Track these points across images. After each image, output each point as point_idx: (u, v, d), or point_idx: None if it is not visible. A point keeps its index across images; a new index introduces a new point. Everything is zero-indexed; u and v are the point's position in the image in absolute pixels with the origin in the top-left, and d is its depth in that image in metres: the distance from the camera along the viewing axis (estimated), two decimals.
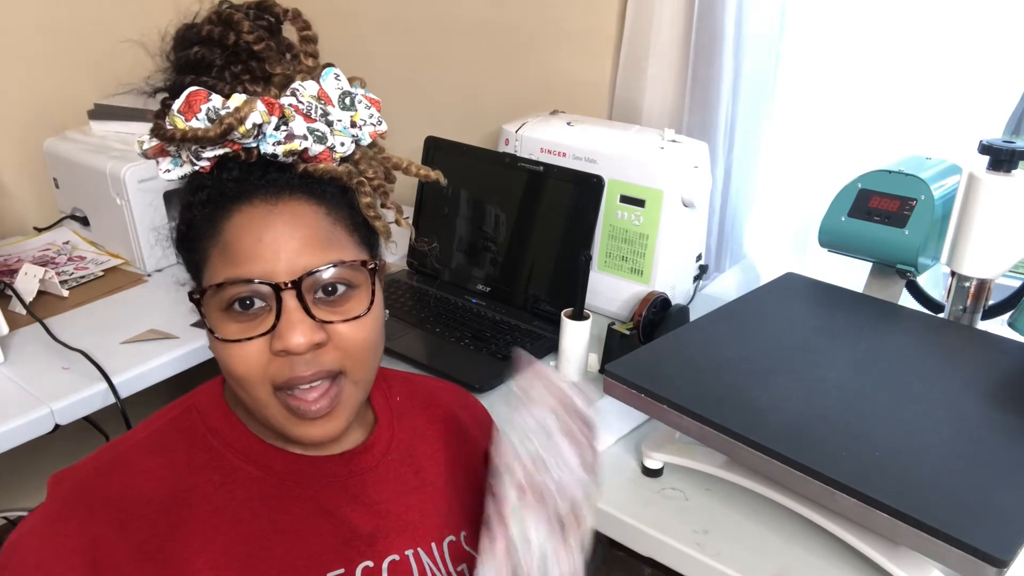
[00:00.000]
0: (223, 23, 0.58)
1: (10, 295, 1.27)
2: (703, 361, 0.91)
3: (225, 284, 0.57)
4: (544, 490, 0.59)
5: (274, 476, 0.63)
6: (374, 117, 0.62)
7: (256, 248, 0.57)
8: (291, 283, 0.56)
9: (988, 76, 1.11)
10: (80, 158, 1.44)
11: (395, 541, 0.65)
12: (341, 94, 0.60)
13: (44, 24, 1.62)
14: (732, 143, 1.35)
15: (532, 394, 0.62)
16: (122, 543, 0.56)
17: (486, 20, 1.61)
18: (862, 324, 0.99)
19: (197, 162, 0.58)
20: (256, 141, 0.57)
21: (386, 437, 0.70)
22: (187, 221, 0.61)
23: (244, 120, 0.55)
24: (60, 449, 1.77)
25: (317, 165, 0.59)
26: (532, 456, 0.60)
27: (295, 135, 0.58)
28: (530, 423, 0.61)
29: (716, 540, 0.83)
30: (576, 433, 0.63)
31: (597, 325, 1.17)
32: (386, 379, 0.75)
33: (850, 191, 1.10)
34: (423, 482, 0.69)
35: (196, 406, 0.65)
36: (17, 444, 1.03)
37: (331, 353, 0.59)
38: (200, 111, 0.56)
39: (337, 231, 0.60)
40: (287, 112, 0.57)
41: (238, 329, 0.58)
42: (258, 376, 0.58)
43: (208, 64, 0.58)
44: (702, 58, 1.29)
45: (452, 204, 1.40)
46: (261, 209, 0.57)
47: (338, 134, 0.60)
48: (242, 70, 0.59)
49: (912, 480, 0.71)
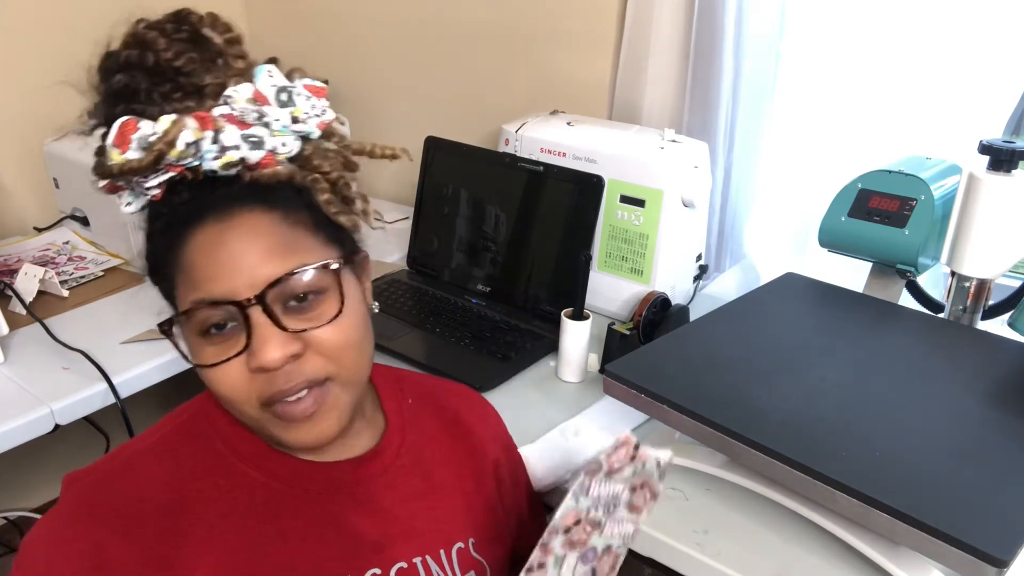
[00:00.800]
0: (140, 45, 0.56)
1: (10, 295, 1.27)
2: (703, 361, 0.91)
3: (191, 310, 0.56)
4: (589, 551, 0.62)
5: (281, 482, 0.62)
6: (317, 107, 0.59)
7: (214, 268, 0.55)
8: (255, 298, 0.55)
9: (988, 76, 1.11)
10: (80, 158, 1.44)
11: (403, 548, 0.64)
12: (277, 91, 0.57)
13: (44, 24, 1.62)
14: (732, 143, 1.35)
15: (616, 470, 0.62)
16: (127, 548, 0.56)
17: (486, 20, 1.61)
18: (862, 324, 0.99)
19: (146, 192, 0.57)
20: (196, 159, 0.55)
21: (396, 442, 0.69)
22: (150, 251, 0.60)
23: (174, 142, 0.53)
24: (60, 449, 1.77)
25: (262, 171, 0.57)
26: (592, 523, 0.62)
27: (227, 146, 0.55)
28: (604, 495, 0.62)
29: (716, 540, 0.83)
30: (641, 507, 0.64)
31: (597, 325, 1.17)
32: (399, 380, 0.75)
33: (850, 191, 1.10)
34: (432, 487, 0.69)
35: (204, 411, 0.65)
36: (17, 444, 1.03)
37: (313, 361, 0.58)
38: (132, 141, 0.54)
39: (297, 234, 0.58)
40: (218, 123, 0.55)
41: (214, 352, 0.57)
42: (243, 395, 0.57)
43: (134, 90, 0.56)
44: (702, 58, 1.29)
45: (452, 204, 1.40)
46: (214, 227, 0.56)
47: (278, 135, 0.57)
48: (171, 88, 0.56)
49: (912, 480, 0.71)
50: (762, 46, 1.29)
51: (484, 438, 0.76)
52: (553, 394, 1.11)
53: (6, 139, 1.61)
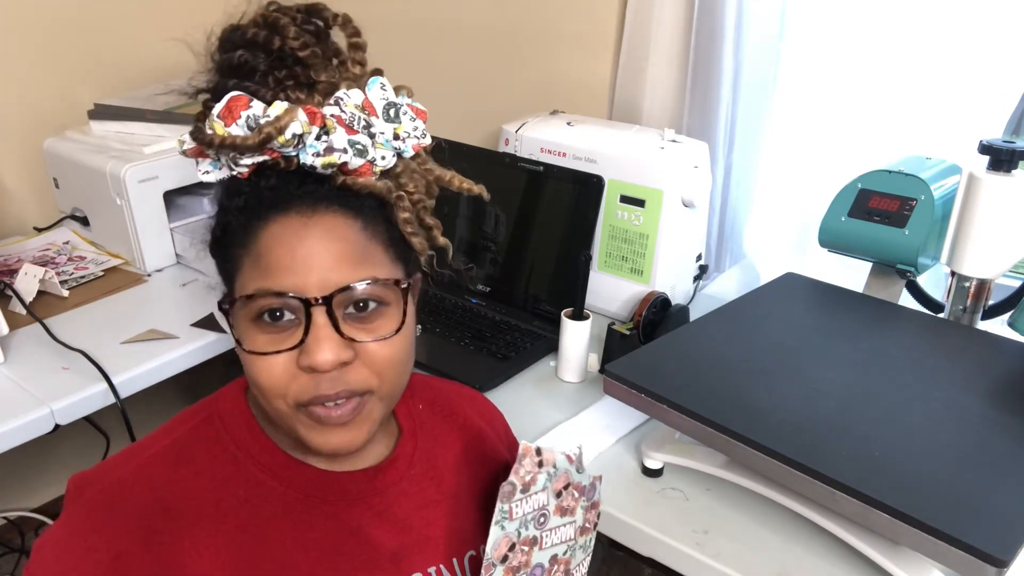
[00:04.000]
0: (269, 27, 0.56)
1: (10, 295, 1.27)
2: (703, 361, 0.91)
3: (255, 295, 0.56)
4: (535, 568, 0.62)
5: (298, 491, 0.62)
6: (418, 130, 0.60)
7: (289, 261, 0.56)
8: (322, 299, 0.55)
9: (988, 76, 1.11)
10: (80, 158, 1.44)
11: (418, 558, 0.64)
12: (386, 105, 0.58)
13: (44, 24, 1.62)
14: (732, 143, 1.35)
15: (530, 483, 0.62)
16: (145, 556, 0.56)
17: (486, 20, 1.61)
18: (862, 324, 0.99)
19: (235, 167, 0.57)
20: (296, 150, 0.56)
21: (409, 450, 0.69)
22: (222, 226, 0.60)
23: (284, 130, 0.53)
24: (60, 449, 1.77)
25: (356, 179, 0.58)
26: (528, 542, 0.62)
27: (335, 148, 0.56)
28: (528, 512, 0.62)
29: (716, 540, 0.83)
30: (572, 505, 0.64)
31: (597, 325, 1.17)
32: (410, 386, 0.75)
33: (850, 191, 1.10)
34: (443, 494, 0.69)
35: (219, 414, 0.64)
36: (17, 444, 1.03)
37: (359, 371, 0.58)
38: (240, 117, 0.54)
39: (372, 246, 0.58)
40: (329, 123, 0.56)
41: (266, 341, 0.57)
42: (282, 389, 0.57)
43: (251, 69, 0.56)
44: (702, 58, 1.29)
45: (452, 204, 1.40)
46: (296, 221, 0.56)
47: (380, 147, 0.58)
48: (286, 75, 0.57)
49: (912, 480, 0.71)
50: (762, 46, 1.29)
51: (493, 441, 0.76)
52: (553, 394, 1.11)
53: (6, 139, 1.61)
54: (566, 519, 0.65)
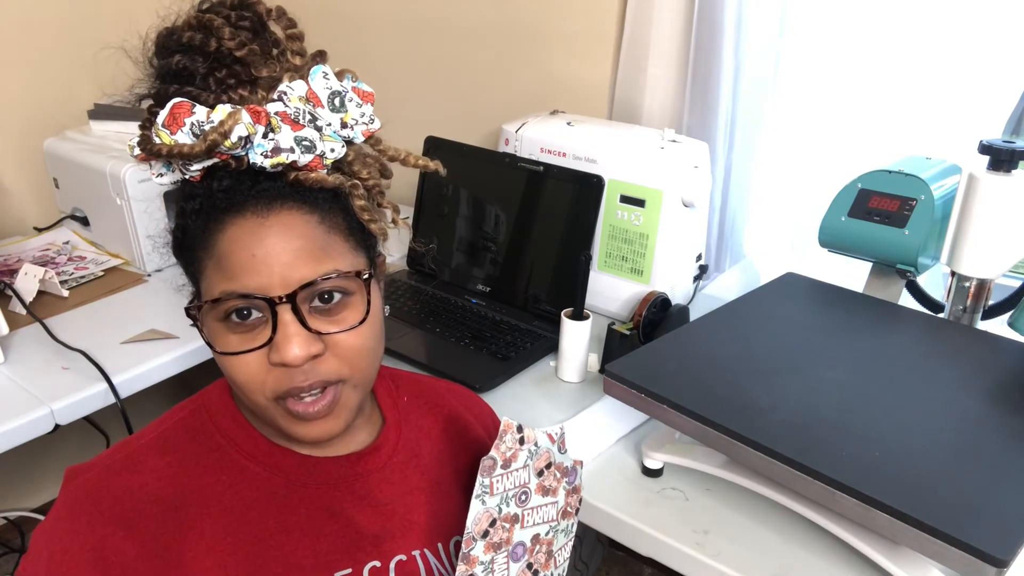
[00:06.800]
0: (203, 30, 0.56)
1: (10, 295, 1.27)
2: (703, 361, 0.91)
3: (221, 299, 0.57)
4: (517, 547, 0.62)
5: (282, 476, 0.63)
6: (365, 116, 0.60)
7: (250, 262, 0.56)
8: (286, 297, 0.56)
9: (988, 76, 1.11)
10: (80, 158, 1.44)
11: (401, 541, 0.65)
12: (330, 95, 0.58)
13: (44, 24, 1.62)
14: (732, 143, 1.35)
15: (511, 459, 0.62)
16: (130, 542, 0.57)
17: (486, 20, 1.61)
18: (862, 324, 0.99)
19: (187, 172, 0.58)
20: (244, 150, 0.56)
21: (393, 438, 0.70)
22: (181, 228, 0.61)
23: (228, 134, 0.54)
24: (60, 449, 1.77)
25: (308, 174, 0.58)
26: (509, 519, 0.62)
27: (282, 148, 0.56)
28: (510, 488, 0.62)
29: (716, 540, 0.83)
30: (554, 486, 0.64)
31: (597, 325, 1.17)
32: (394, 379, 0.76)
33: (850, 191, 1.10)
34: (429, 483, 0.70)
35: (205, 406, 0.66)
36: (17, 444, 1.03)
37: (329, 362, 0.59)
38: (185, 124, 0.55)
39: (332, 238, 0.59)
40: (273, 121, 0.56)
41: (236, 341, 0.58)
42: (259, 385, 0.59)
43: (191, 73, 0.56)
44: (702, 58, 1.29)
45: (452, 204, 1.40)
46: (253, 222, 0.57)
47: (328, 139, 0.58)
48: (227, 75, 0.57)
49: (912, 480, 0.71)
50: (762, 46, 1.29)
51: (480, 434, 0.77)
52: (553, 394, 1.11)
53: (6, 139, 1.61)
54: (548, 499, 0.65)
